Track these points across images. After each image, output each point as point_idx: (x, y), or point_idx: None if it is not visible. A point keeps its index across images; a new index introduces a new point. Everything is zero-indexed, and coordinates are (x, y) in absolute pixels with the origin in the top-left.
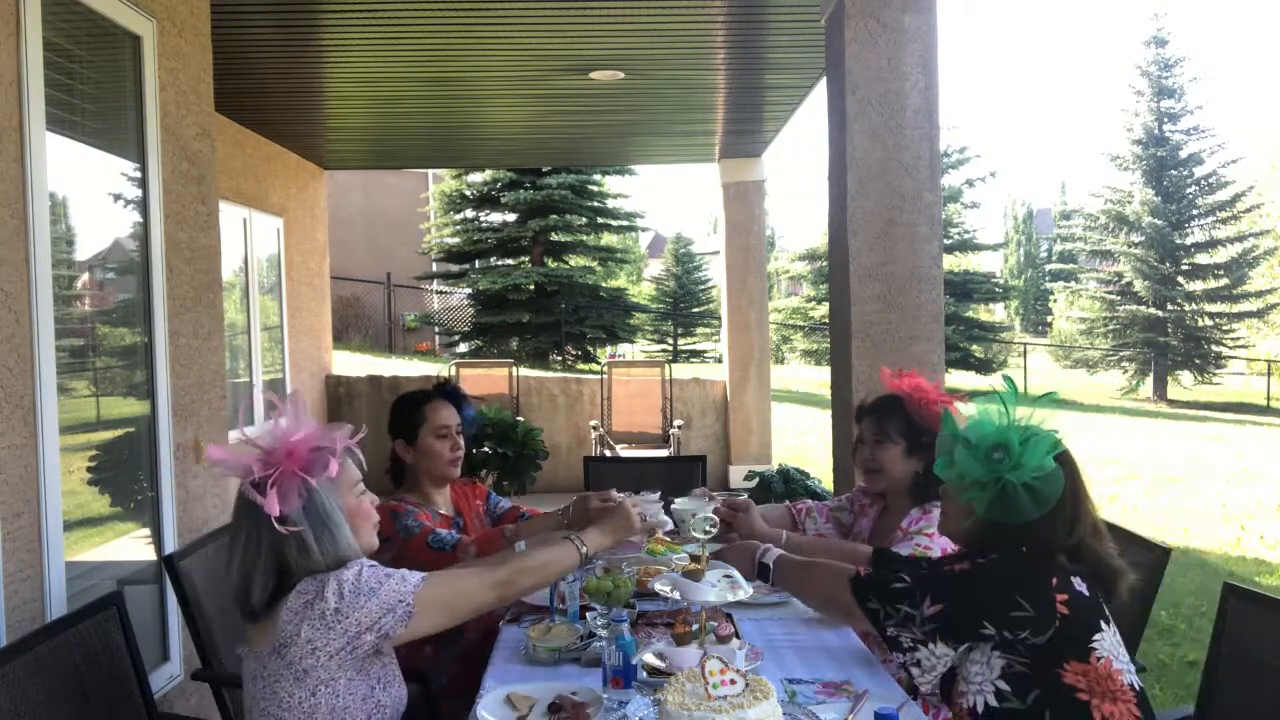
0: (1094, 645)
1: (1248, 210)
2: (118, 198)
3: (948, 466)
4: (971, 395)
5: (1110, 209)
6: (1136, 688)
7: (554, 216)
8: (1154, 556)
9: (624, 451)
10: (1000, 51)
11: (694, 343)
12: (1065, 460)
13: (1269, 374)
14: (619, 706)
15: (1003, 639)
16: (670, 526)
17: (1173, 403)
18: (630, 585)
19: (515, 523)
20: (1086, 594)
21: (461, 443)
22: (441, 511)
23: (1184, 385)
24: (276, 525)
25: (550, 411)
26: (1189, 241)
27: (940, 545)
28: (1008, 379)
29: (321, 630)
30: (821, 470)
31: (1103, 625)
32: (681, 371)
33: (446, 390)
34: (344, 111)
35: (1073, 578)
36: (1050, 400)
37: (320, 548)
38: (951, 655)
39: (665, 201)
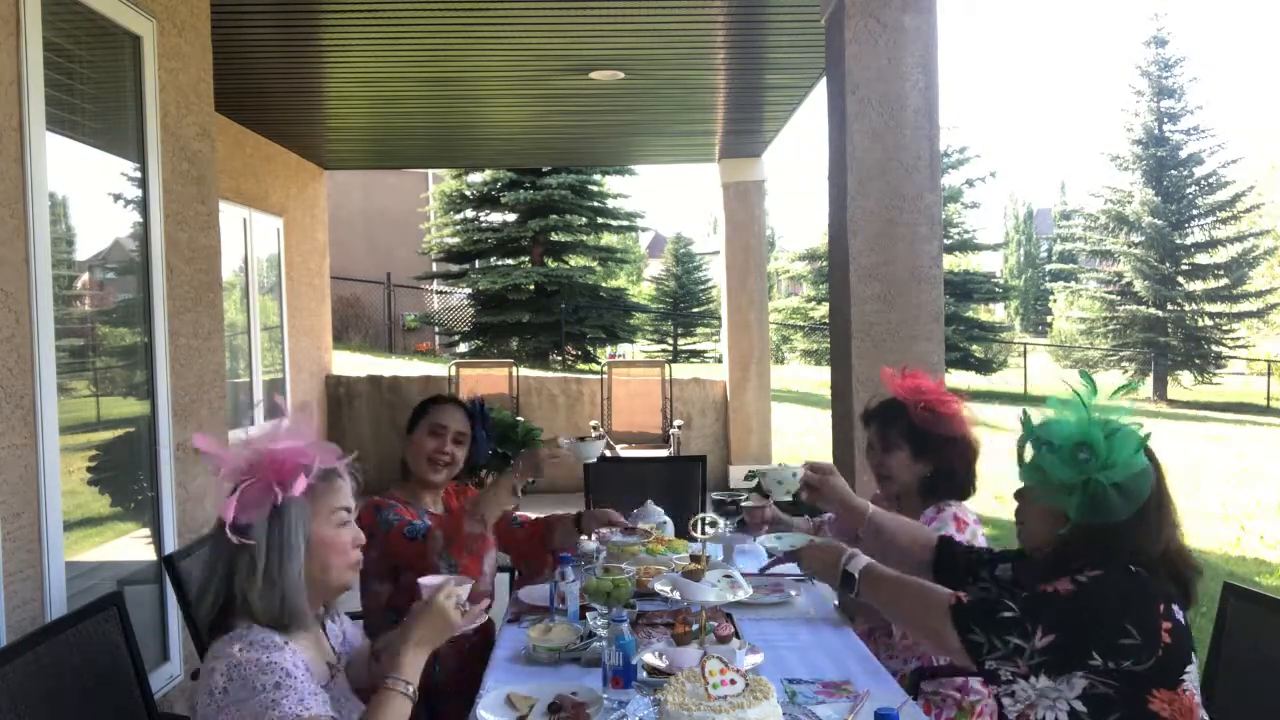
0: (1185, 676)
1: (1248, 210)
2: (118, 198)
3: (1034, 471)
4: (973, 395)
5: (1110, 209)
6: None
7: (554, 216)
8: None
9: (624, 451)
10: (1000, 51)
11: (694, 343)
12: (1150, 456)
13: (1269, 374)
14: (619, 706)
15: (1105, 667)
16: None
17: (1173, 403)
18: (630, 585)
19: (508, 525)
20: (1184, 623)
21: (454, 452)
22: (430, 510)
23: (1184, 385)
24: (228, 533)
25: (550, 411)
26: (1189, 241)
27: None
28: (1085, 374)
29: (211, 710)
30: None
31: (1193, 656)
32: (681, 371)
33: (469, 403)
34: (344, 111)
35: (1173, 605)
36: (1126, 394)
37: (266, 571)
38: (1050, 687)
39: (665, 201)
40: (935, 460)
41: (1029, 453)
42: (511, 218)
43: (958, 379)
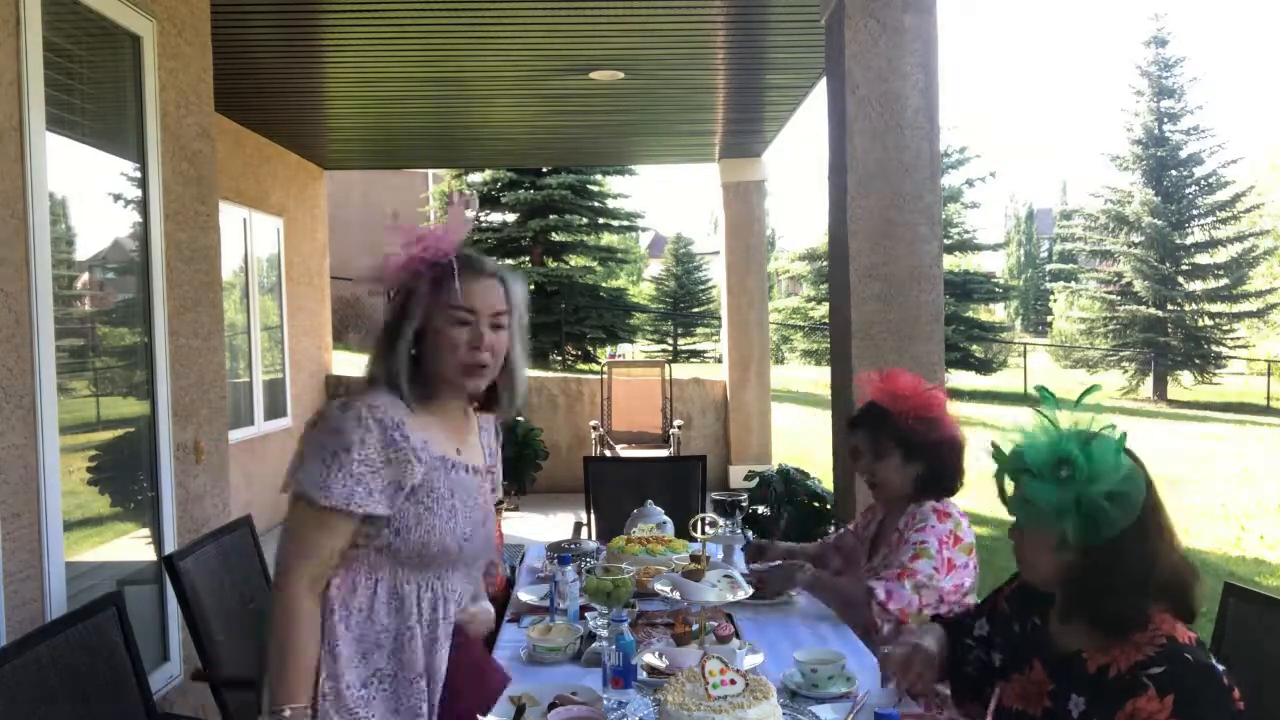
0: None
1: (1248, 210)
2: (118, 198)
3: (1022, 504)
4: (973, 395)
5: (1110, 209)
6: None
7: (554, 216)
8: None
9: (624, 451)
10: (1000, 51)
11: (694, 343)
12: (1133, 457)
13: (1269, 374)
14: (619, 706)
15: None
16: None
17: (1173, 403)
18: (630, 585)
19: None
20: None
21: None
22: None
23: (1184, 385)
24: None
25: (550, 411)
26: (1189, 241)
27: (935, 535)
28: (1040, 388)
29: (304, 433)
30: (821, 470)
31: None
32: (681, 371)
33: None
34: (344, 111)
35: (1222, 670)
36: (1089, 399)
37: (385, 340)
38: None
39: (665, 201)
40: (926, 461)
41: (1010, 486)
42: (511, 218)
43: (958, 379)
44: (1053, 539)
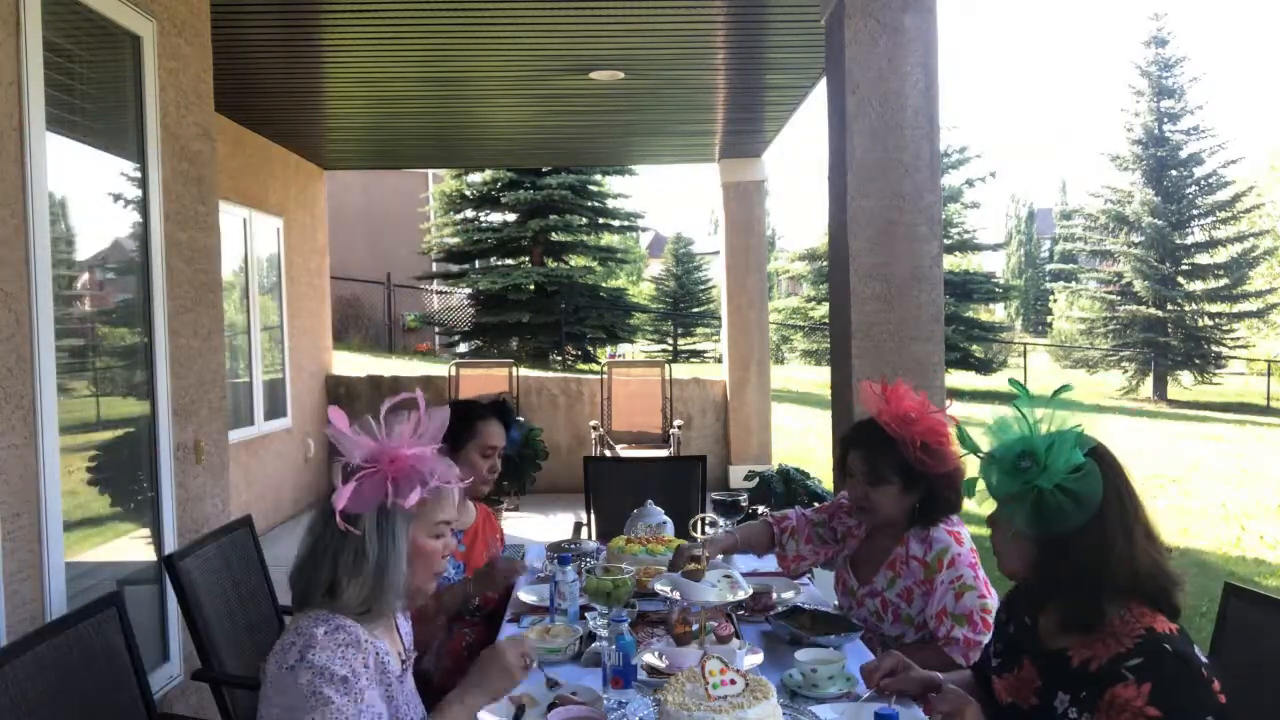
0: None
1: (1248, 210)
2: (118, 198)
3: (981, 489)
4: (973, 395)
5: (1110, 209)
6: None
7: (554, 216)
8: None
9: (624, 451)
10: (1000, 51)
11: (694, 343)
12: (1101, 456)
13: (1269, 374)
14: (619, 706)
15: None
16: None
17: (1173, 403)
18: (630, 585)
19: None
20: (1213, 665)
21: (499, 465)
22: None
23: (1184, 385)
24: (338, 520)
25: (550, 411)
26: (1189, 241)
27: (966, 564)
28: (1013, 381)
29: (279, 677)
30: (821, 470)
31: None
32: (681, 371)
33: (502, 409)
34: (344, 111)
35: (1203, 657)
36: (1061, 400)
37: (376, 566)
38: None
39: (665, 201)
40: (925, 490)
41: (982, 472)
42: (511, 218)
43: (958, 379)
44: (1011, 528)
